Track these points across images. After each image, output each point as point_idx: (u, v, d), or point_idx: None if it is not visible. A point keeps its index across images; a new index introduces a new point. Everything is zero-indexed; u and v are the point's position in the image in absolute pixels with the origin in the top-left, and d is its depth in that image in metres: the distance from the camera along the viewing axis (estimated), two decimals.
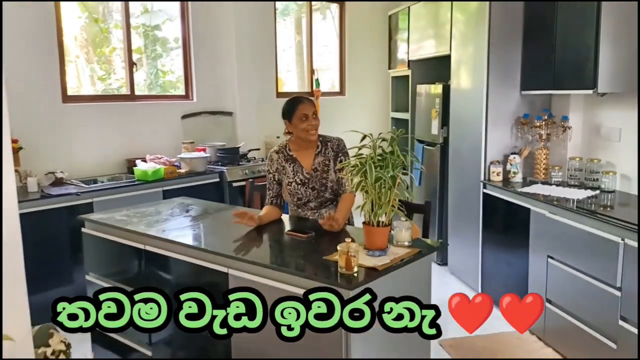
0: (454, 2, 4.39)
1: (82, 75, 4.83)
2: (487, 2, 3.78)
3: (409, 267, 2.14)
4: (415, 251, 2.21)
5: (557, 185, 3.59)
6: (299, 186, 2.82)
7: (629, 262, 2.58)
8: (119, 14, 4.73)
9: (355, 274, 1.95)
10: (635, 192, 3.28)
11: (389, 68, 6.21)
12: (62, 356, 2.02)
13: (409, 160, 2.14)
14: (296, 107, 2.77)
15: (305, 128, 2.75)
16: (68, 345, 2.07)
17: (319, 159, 2.82)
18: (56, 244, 3.66)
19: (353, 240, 1.99)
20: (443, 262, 4.69)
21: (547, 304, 3.23)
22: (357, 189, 2.11)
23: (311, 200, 2.83)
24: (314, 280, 1.97)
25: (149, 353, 2.75)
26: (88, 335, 3.13)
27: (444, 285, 4.35)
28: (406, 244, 2.27)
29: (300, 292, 1.97)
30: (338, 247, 1.97)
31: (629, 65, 3.13)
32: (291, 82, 6.41)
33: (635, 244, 2.53)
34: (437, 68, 4.91)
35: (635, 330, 2.56)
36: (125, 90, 4.78)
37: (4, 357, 1.35)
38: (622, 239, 2.61)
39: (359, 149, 2.15)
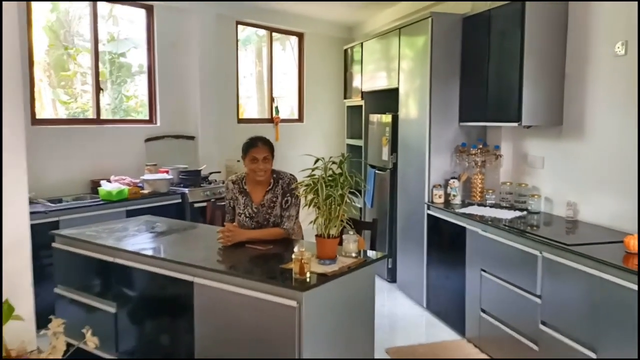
0: (401, 39, 4.83)
1: (45, 99, 4.99)
2: (429, 41, 4.20)
3: (355, 274, 2.45)
4: (361, 261, 2.52)
5: (490, 206, 4.00)
6: (247, 219, 3.10)
7: (546, 272, 2.97)
8: (82, 39, 4.93)
9: (308, 279, 2.25)
10: (557, 213, 3.71)
11: (345, 97, 6.61)
12: None
13: (361, 183, 2.45)
14: (249, 149, 3.06)
15: (254, 169, 3.03)
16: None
17: (268, 196, 3.08)
18: None
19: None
20: (392, 279, 5.02)
21: (482, 313, 3.60)
22: (309, 205, 2.42)
23: None
24: (272, 284, 2.26)
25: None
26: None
27: (393, 299, 4.68)
28: (353, 254, 2.58)
29: (262, 296, 2.25)
30: (293, 255, 2.27)
31: (548, 100, 3.60)
32: (251, 108, 6.73)
33: (552, 257, 2.93)
34: (388, 99, 5.31)
35: (554, 333, 2.93)
36: (91, 114, 4.97)
37: (15, 333, 1.59)
38: (541, 252, 3.01)
39: (312, 170, 2.46)
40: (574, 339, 2.80)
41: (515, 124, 3.64)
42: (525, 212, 3.78)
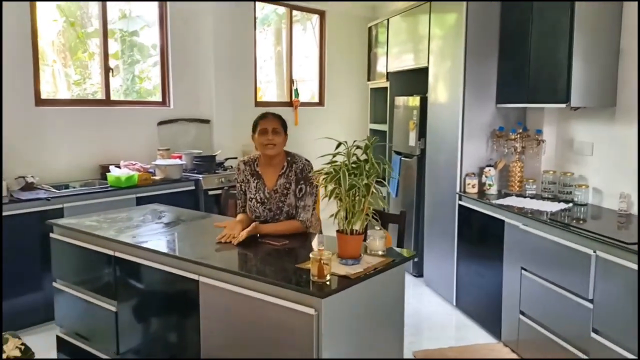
0: (432, 16, 4.44)
1: (59, 80, 4.75)
2: (464, 18, 3.82)
3: (382, 276, 2.12)
4: (389, 260, 2.19)
5: (531, 197, 3.62)
6: (258, 205, 2.78)
7: (600, 274, 2.61)
8: (97, 19, 4.67)
9: (328, 282, 1.93)
10: (607, 206, 3.32)
11: (368, 80, 6.24)
12: None
13: (386, 170, 2.12)
14: (258, 121, 2.78)
15: (262, 142, 2.72)
16: (25, 351, 2.00)
17: (281, 181, 2.77)
18: (25, 249, 3.56)
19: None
20: (419, 273, 4.69)
21: (521, 316, 3.25)
22: (330, 196, 2.09)
23: (268, 220, 2.77)
24: (286, 288, 1.94)
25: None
26: (53, 342, 3.04)
27: (419, 296, 4.35)
28: (379, 253, 2.25)
29: (275, 301, 1.94)
30: (310, 255, 1.95)
31: (601, 80, 3.19)
32: (271, 92, 6.40)
33: (607, 256, 2.56)
34: (415, 80, 4.95)
35: (607, 343, 2.58)
36: (100, 95, 4.71)
37: None
38: (594, 251, 2.64)
39: (333, 156, 2.13)
40: (631, 351, 2.44)
41: (563, 105, 3.24)
42: (571, 204, 3.40)
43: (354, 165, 2.07)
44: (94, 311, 2.74)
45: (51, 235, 2.93)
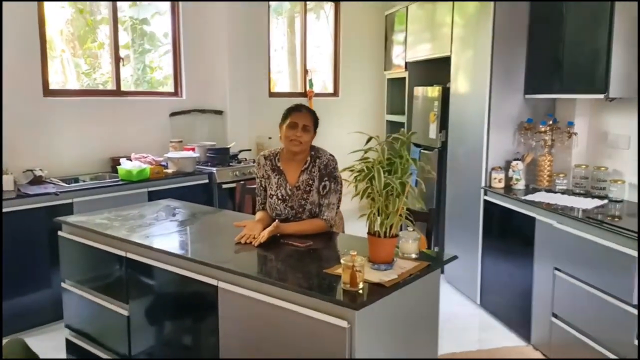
0: (454, 2, 4.23)
1: (68, 70, 4.60)
2: (492, 3, 3.62)
3: (417, 283, 1.95)
4: (424, 265, 2.03)
5: (561, 193, 3.44)
6: (279, 202, 2.61)
7: None
8: (107, 8, 4.50)
9: (361, 291, 1.77)
10: None
11: (385, 69, 6.03)
12: None
13: (423, 168, 1.95)
14: (290, 113, 2.59)
15: (290, 137, 2.54)
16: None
17: (304, 177, 2.59)
18: (33, 246, 3.43)
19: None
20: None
21: (553, 318, 3.08)
22: (362, 196, 1.92)
23: (289, 219, 2.60)
24: (315, 297, 1.78)
25: None
26: (62, 346, 2.91)
27: (441, 293, 4.17)
28: (413, 256, 2.09)
29: (302, 311, 1.79)
30: (342, 261, 1.78)
31: None
32: (283, 82, 6.22)
33: None
34: (435, 70, 4.75)
35: None
36: (110, 86, 4.55)
37: None
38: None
39: (365, 152, 1.96)
40: None
41: (600, 96, 3.04)
42: (606, 201, 3.21)
43: (387, 162, 1.90)
44: (104, 314, 2.59)
45: (59, 233, 2.78)
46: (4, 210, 3.29)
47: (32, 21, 3.89)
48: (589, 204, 3.16)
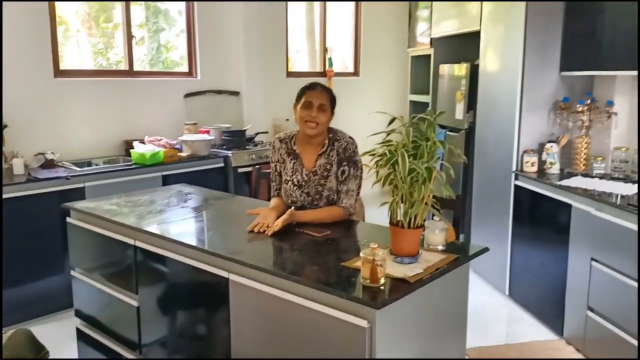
0: None
1: (84, 51, 4.47)
2: None
3: (444, 278, 1.78)
4: (452, 258, 1.84)
5: (599, 178, 3.21)
6: (295, 188, 2.44)
7: None
8: None
9: (382, 287, 1.60)
10: None
11: (408, 47, 5.79)
12: None
13: (452, 152, 1.76)
14: (304, 92, 2.40)
15: (304, 117, 2.35)
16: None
17: (321, 161, 2.41)
18: (44, 231, 3.34)
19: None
20: None
21: (589, 312, 2.87)
22: (384, 182, 1.74)
23: (305, 206, 2.43)
24: (331, 293, 1.62)
25: (139, 357, 2.43)
26: (73, 334, 2.82)
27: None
28: (439, 248, 1.91)
29: (318, 308, 1.63)
30: (361, 254, 1.61)
31: None
32: (301, 62, 6.01)
33: None
34: (464, 46, 4.51)
35: None
36: (123, 66, 4.42)
37: None
38: None
39: (387, 134, 1.77)
40: None
41: None
42: None
43: (412, 145, 1.71)
44: (114, 304, 2.48)
45: (68, 219, 2.67)
46: (15, 194, 3.20)
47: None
48: (630, 189, 2.92)
